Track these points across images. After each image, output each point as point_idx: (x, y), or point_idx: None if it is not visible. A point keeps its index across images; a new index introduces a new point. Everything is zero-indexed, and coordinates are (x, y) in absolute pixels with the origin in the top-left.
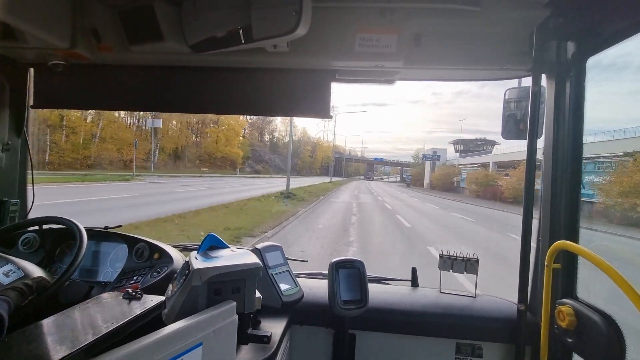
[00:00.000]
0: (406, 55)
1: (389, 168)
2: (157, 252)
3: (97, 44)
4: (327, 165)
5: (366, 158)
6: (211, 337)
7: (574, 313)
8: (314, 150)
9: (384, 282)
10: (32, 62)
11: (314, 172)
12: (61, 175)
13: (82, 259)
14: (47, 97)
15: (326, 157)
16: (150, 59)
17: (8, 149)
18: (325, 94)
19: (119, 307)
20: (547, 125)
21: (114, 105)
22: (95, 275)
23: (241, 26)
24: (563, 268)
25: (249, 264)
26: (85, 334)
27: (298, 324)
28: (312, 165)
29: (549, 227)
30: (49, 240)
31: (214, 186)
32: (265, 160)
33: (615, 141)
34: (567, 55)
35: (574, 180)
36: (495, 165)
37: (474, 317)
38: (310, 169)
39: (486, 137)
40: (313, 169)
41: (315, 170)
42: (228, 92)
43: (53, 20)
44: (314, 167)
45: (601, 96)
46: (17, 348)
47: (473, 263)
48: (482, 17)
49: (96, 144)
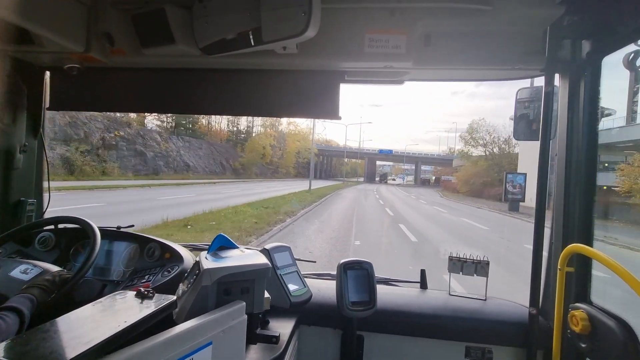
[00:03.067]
0: (416, 56)
1: (388, 168)
2: (168, 252)
3: (110, 48)
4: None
5: (368, 150)
6: (221, 336)
7: (587, 318)
8: (282, 142)
9: (393, 283)
10: (48, 65)
11: (283, 173)
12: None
13: (96, 257)
14: (62, 100)
15: (305, 150)
16: (162, 61)
17: (25, 150)
18: (334, 94)
19: (132, 305)
20: (560, 125)
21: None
22: (108, 274)
23: (251, 28)
24: (576, 271)
25: (258, 264)
26: (100, 331)
27: (306, 325)
28: (281, 164)
29: (562, 229)
30: (64, 239)
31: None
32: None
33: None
34: (582, 54)
35: (589, 182)
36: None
37: (484, 320)
38: (279, 169)
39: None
40: (282, 169)
41: (287, 171)
42: (238, 94)
43: (69, 25)
44: (284, 165)
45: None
46: (35, 344)
47: (483, 265)
48: (493, 16)
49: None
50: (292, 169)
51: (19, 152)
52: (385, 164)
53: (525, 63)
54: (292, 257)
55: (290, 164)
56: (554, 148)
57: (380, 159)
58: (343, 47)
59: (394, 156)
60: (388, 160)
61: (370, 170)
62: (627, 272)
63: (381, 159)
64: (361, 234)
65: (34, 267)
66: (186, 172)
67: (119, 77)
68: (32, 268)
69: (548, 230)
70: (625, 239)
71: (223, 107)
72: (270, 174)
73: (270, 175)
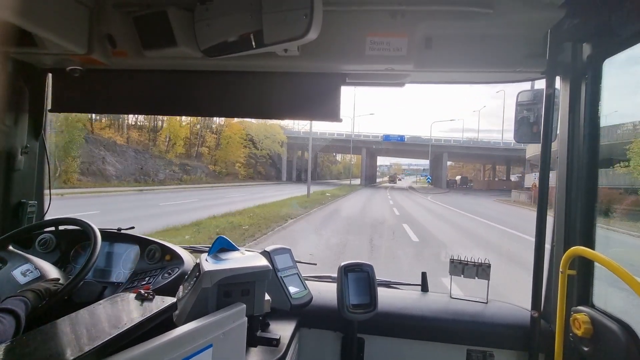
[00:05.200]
0: (417, 58)
1: (386, 168)
2: (168, 254)
3: (112, 50)
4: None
5: (367, 137)
6: (221, 339)
7: (590, 321)
8: (217, 133)
9: (394, 286)
10: (50, 67)
11: (221, 175)
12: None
13: (96, 260)
14: (64, 102)
15: (269, 144)
16: (163, 63)
17: (27, 152)
18: (335, 97)
19: (132, 308)
20: (561, 127)
21: (129, 109)
22: (108, 275)
23: (252, 31)
24: (578, 274)
25: (258, 266)
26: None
27: (307, 327)
28: (219, 158)
29: (563, 232)
30: (64, 241)
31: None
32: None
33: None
34: (583, 56)
35: (590, 184)
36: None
37: (486, 323)
38: (216, 168)
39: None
40: (220, 167)
41: (231, 171)
42: (239, 96)
43: (71, 28)
44: (224, 159)
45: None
46: (34, 347)
47: (485, 268)
48: (494, 19)
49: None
50: (240, 167)
51: (20, 153)
52: (382, 164)
53: (526, 66)
54: (293, 260)
55: (236, 157)
56: (555, 150)
57: (385, 152)
58: (344, 49)
59: (406, 145)
60: (396, 154)
61: (370, 168)
62: (630, 275)
63: (385, 152)
64: None
65: (34, 270)
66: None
67: (120, 79)
68: (32, 270)
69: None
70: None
71: (224, 109)
72: (184, 175)
73: (195, 178)
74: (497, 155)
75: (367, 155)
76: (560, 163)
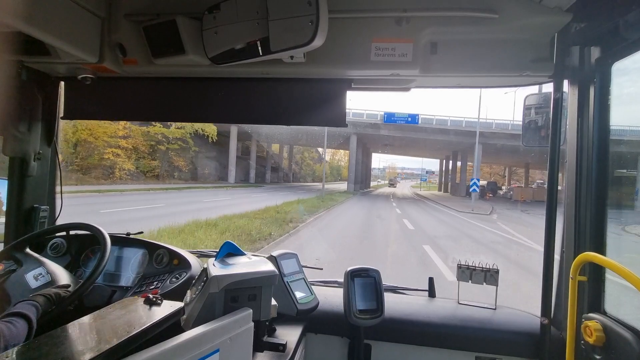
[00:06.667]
0: (422, 64)
1: (378, 171)
2: (176, 258)
3: (123, 58)
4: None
5: (360, 118)
6: (228, 343)
7: (602, 329)
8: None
9: (401, 291)
10: (63, 76)
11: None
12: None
13: (106, 264)
14: (76, 109)
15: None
16: (172, 71)
17: (39, 158)
18: (341, 102)
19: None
20: (570, 131)
21: (139, 116)
22: (117, 279)
23: (259, 38)
24: (589, 280)
25: (265, 271)
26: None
27: (313, 333)
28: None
29: (573, 237)
30: (75, 245)
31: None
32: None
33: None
34: (591, 60)
35: (600, 189)
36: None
37: (494, 329)
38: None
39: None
40: (76, 167)
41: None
42: (246, 102)
43: (83, 37)
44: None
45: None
46: (46, 350)
47: (493, 274)
48: (500, 24)
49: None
50: (125, 162)
51: (33, 159)
52: (374, 166)
53: (533, 70)
54: (299, 265)
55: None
56: (563, 154)
57: (385, 141)
58: (350, 55)
59: (420, 131)
60: (401, 148)
61: (362, 166)
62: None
63: (387, 142)
64: None
65: (45, 274)
66: None
67: (131, 87)
68: (44, 275)
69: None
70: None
71: (232, 115)
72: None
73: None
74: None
75: (358, 146)
76: (569, 167)
